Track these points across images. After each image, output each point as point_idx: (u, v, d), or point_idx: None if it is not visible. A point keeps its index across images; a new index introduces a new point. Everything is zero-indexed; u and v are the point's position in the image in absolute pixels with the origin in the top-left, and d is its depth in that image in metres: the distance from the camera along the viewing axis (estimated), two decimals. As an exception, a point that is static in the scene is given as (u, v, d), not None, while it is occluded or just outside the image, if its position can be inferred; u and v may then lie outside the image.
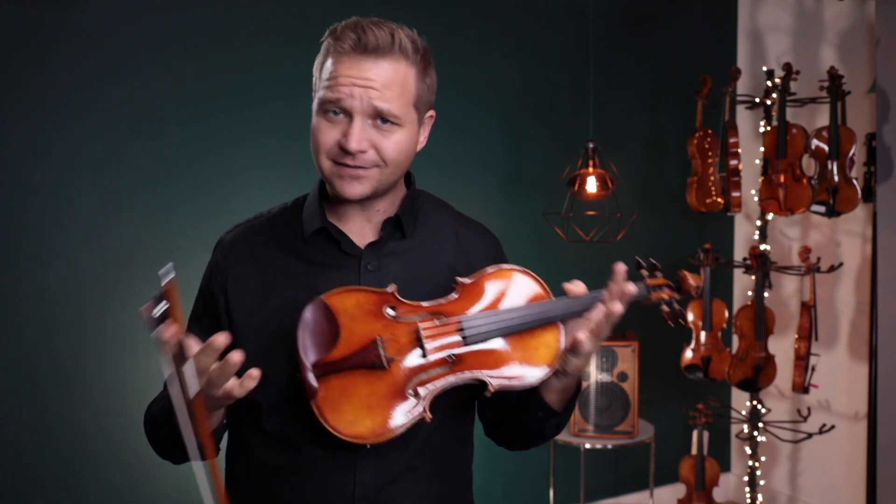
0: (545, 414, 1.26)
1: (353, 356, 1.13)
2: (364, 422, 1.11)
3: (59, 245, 2.59)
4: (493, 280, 1.21)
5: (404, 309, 1.18)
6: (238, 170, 2.82)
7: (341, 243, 1.26)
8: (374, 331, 1.15)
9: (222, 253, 1.30)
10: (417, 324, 1.16)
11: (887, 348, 2.91)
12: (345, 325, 1.15)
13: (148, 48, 2.68)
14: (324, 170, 1.21)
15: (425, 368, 1.15)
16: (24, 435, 2.57)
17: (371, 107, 1.16)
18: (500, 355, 1.17)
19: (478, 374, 1.16)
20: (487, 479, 3.25)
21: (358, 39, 1.16)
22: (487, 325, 1.17)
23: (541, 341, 1.19)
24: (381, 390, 1.13)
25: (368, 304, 1.17)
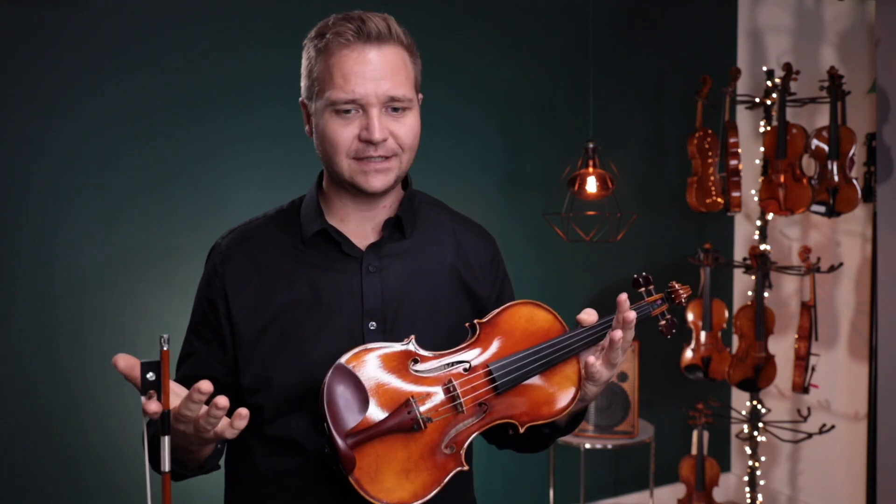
0: (552, 430, 1.29)
1: (388, 420, 1.09)
2: (405, 486, 1.09)
3: (59, 245, 2.59)
4: (510, 317, 1.21)
5: (427, 360, 1.15)
6: (238, 170, 2.82)
7: (342, 245, 1.25)
8: (402, 390, 1.12)
9: (220, 258, 1.28)
10: (452, 380, 1.14)
11: (887, 348, 2.91)
12: (370, 388, 1.11)
13: (148, 48, 2.68)
14: (343, 169, 1.20)
15: (460, 421, 1.14)
16: (23, 434, 2.57)
17: (386, 96, 1.17)
18: (528, 395, 1.18)
19: (507, 419, 1.16)
20: (487, 479, 3.25)
21: (358, 29, 1.16)
22: (516, 369, 1.17)
23: (563, 375, 1.20)
24: (419, 451, 1.10)
25: (390, 362, 1.13)
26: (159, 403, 0.95)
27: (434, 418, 1.11)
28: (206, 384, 0.96)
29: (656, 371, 3.49)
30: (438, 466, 1.11)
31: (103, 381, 2.66)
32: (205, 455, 1.16)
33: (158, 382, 0.95)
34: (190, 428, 1.00)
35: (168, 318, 2.68)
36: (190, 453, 1.12)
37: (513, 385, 1.16)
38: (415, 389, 1.12)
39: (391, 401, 1.11)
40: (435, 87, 3.16)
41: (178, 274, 2.70)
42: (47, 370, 2.59)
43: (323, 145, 1.21)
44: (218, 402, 0.97)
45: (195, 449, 1.09)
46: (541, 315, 1.22)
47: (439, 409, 1.12)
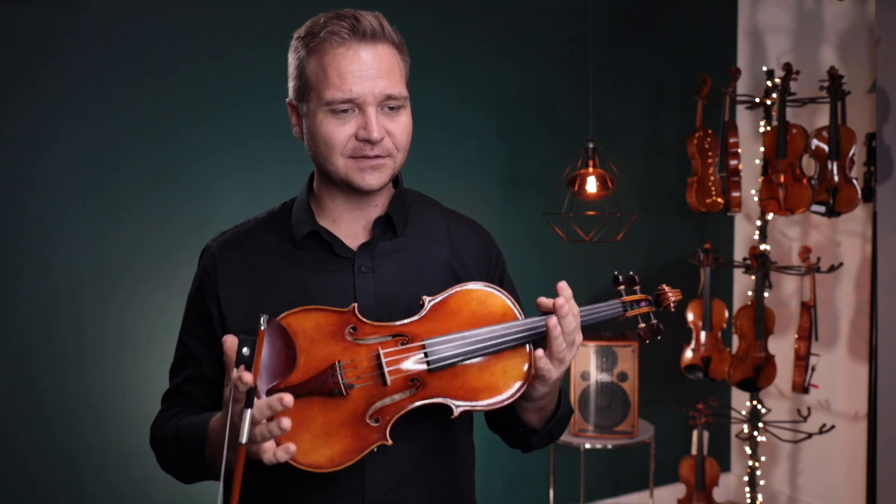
0: (525, 430, 1.27)
1: (310, 382, 1.08)
2: (321, 450, 1.07)
3: (59, 245, 2.59)
4: (461, 299, 1.17)
5: (366, 330, 1.13)
6: (238, 170, 2.82)
7: (333, 246, 1.24)
8: (333, 354, 1.10)
9: (210, 261, 1.27)
10: (378, 347, 1.12)
11: (887, 348, 2.91)
12: (303, 348, 1.10)
13: (147, 49, 2.68)
14: (338, 168, 1.19)
15: (386, 394, 1.11)
16: (24, 435, 2.57)
17: (383, 95, 1.17)
18: (465, 379, 1.14)
19: (441, 399, 1.12)
20: (487, 480, 3.25)
21: (352, 28, 1.16)
22: (452, 349, 1.13)
23: (507, 364, 1.15)
24: (340, 417, 1.08)
25: (329, 325, 1.12)
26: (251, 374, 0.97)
27: (357, 385, 1.10)
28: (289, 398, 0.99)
29: (656, 371, 3.49)
30: (360, 436, 1.08)
31: (103, 381, 2.66)
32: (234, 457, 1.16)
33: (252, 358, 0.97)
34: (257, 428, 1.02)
35: (168, 319, 2.68)
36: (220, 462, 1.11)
37: (446, 364, 1.13)
38: (345, 354, 1.11)
39: (319, 363, 1.10)
40: (435, 87, 3.18)
41: (178, 274, 2.70)
42: (47, 370, 2.59)
43: (317, 145, 1.20)
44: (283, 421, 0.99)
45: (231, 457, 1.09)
46: (495, 300, 1.18)
47: (363, 377, 1.10)
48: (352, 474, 1.20)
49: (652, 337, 1.26)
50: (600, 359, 3.10)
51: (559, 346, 1.14)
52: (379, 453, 1.20)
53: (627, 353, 3.09)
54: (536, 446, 1.32)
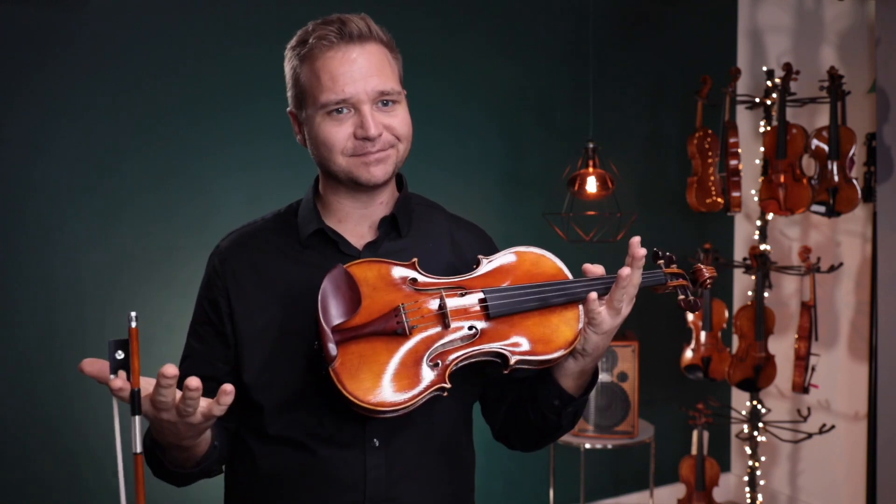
0: (562, 401, 1.25)
1: (375, 322, 1.11)
2: (384, 390, 1.09)
3: (59, 245, 2.59)
4: (515, 259, 1.22)
5: (427, 282, 1.18)
6: (238, 170, 2.82)
7: (339, 244, 1.26)
8: (396, 299, 1.14)
9: (219, 259, 1.29)
10: (442, 293, 1.15)
11: (887, 348, 2.91)
12: (367, 294, 1.14)
13: (148, 48, 2.68)
14: (340, 167, 1.21)
15: (447, 336, 1.13)
16: (24, 434, 2.57)
17: (375, 92, 1.19)
18: (521, 330, 1.16)
19: (498, 347, 1.14)
20: (487, 480, 3.25)
21: (340, 31, 1.19)
22: (510, 299, 1.16)
23: (561, 318, 1.18)
24: (401, 357, 1.11)
25: (391, 275, 1.16)
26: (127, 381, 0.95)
27: (419, 325, 1.13)
28: (169, 368, 0.96)
29: (656, 371, 3.49)
30: (419, 377, 1.10)
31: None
32: (201, 451, 1.16)
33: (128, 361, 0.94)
34: (173, 415, 1.01)
35: (168, 318, 2.68)
36: (185, 450, 1.12)
37: (504, 312, 1.16)
38: (408, 299, 1.15)
39: (383, 306, 1.13)
40: (435, 87, 3.18)
41: (179, 274, 2.71)
42: (47, 370, 2.59)
43: (318, 148, 1.22)
44: (189, 383, 0.97)
45: (189, 443, 1.09)
46: (546, 262, 1.23)
47: (425, 318, 1.13)
48: (353, 471, 1.21)
49: (691, 309, 1.29)
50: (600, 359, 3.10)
51: (621, 296, 1.16)
52: (381, 451, 1.21)
53: (627, 353, 3.09)
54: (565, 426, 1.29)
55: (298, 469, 1.23)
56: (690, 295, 1.30)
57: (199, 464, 1.18)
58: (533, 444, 1.37)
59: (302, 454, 1.22)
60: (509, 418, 1.36)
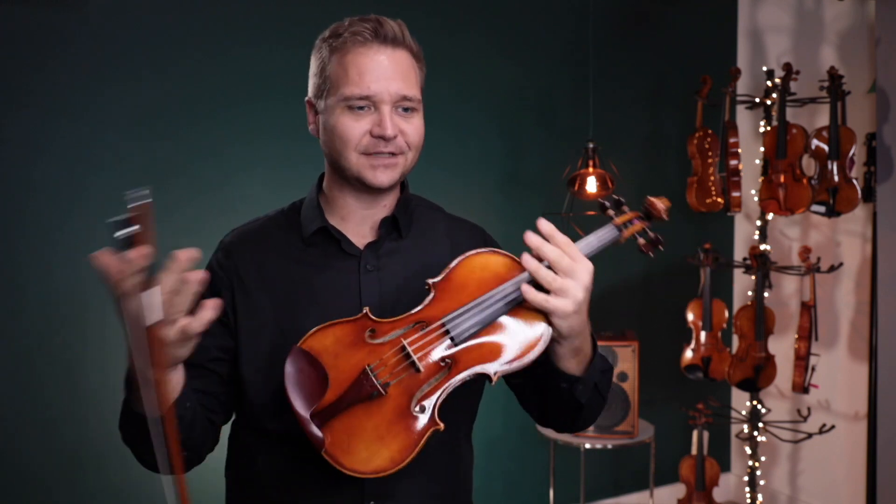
0: (569, 383, 1.23)
1: (347, 393, 1.10)
2: (381, 454, 1.09)
3: (60, 245, 2.59)
4: (463, 269, 1.18)
5: (384, 328, 1.14)
6: (238, 169, 2.82)
7: (341, 243, 1.27)
8: (360, 361, 1.12)
9: (224, 253, 1.31)
10: (402, 340, 1.13)
11: (887, 348, 2.91)
12: (330, 365, 1.11)
13: (148, 48, 2.68)
14: (351, 164, 1.22)
15: (424, 381, 1.12)
16: (24, 434, 2.57)
17: (398, 95, 1.21)
18: (493, 343, 1.14)
19: (476, 368, 1.13)
20: (487, 479, 3.25)
21: (375, 31, 1.21)
22: (471, 318, 1.14)
23: (525, 316, 1.15)
24: (387, 417, 1.10)
25: (347, 336, 1.14)
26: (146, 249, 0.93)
27: (391, 382, 1.11)
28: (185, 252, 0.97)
29: (656, 371, 3.49)
30: (411, 429, 1.10)
31: (105, 381, 2.66)
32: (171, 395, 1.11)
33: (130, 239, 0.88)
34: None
35: (168, 318, 2.68)
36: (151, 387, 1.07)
37: (470, 333, 1.13)
38: (371, 357, 1.12)
39: (350, 374, 1.11)
40: (435, 87, 3.16)
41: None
42: (48, 370, 2.59)
43: (332, 140, 1.23)
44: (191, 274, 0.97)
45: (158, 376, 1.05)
46: (494, 260, 1.19)
47: (395, 372, 1.11)
48: None
49: (654, 249, 1.25)
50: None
51: (546, 277, 1.12)
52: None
53: (627, 353, 3.08)
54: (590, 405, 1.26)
55: (298, 466, 1.23)
56: (650, 233, 1.26)
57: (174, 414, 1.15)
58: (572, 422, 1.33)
59: (301, 451, 1.23)
60: (542, 405, 1.34)
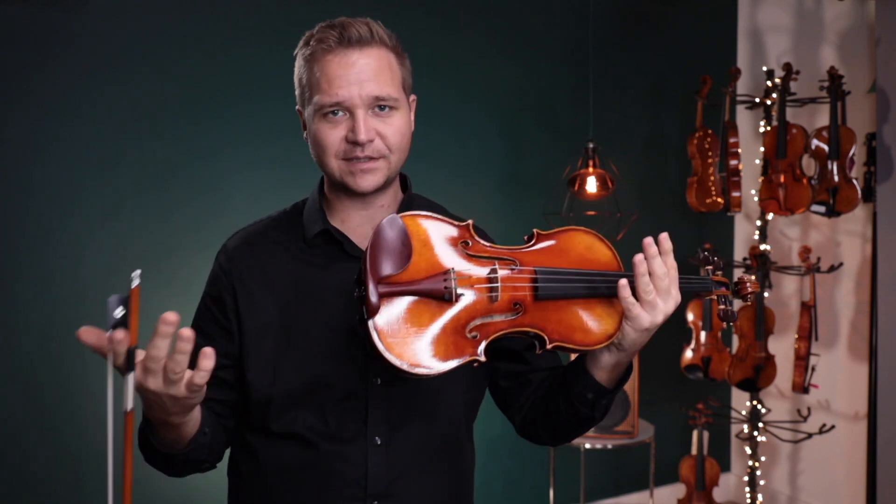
0: (595, 394, 1.23)
1: (423, 282, 1.08)
2: (425, 353, 1.06)
3: (59, 245, 2.59)
4: (570, 238, 1.20)
5: (480, 248, 1.15)
6: (238, 170, 2.82)
7: (343, 245, 1.27)
8: (447, 261, 1.12)
9: (226, 257, 1.31)
10: (496, 264, 1.13)
11: (887, 348, 2.91)
12: (417, 250, 1.10)
13: (148, 48, 2.68)
14: (333, 171, 1.23)
15: (491, 311, 1.11)
16: (24, 434, 2.57)
17: (370, 97, 1.20)
18: (565, 315, 1.14)
19: (539, 328, 1.12)
20: (487, 479, 3.25)
21: (340, 35, 1.20)
22: (560, 283, 1.14)
23: (605, 310, 1.16)
24: (443, 323, 1.08)
25: (444, 234, 1.13)
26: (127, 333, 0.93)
27: (466, 293, 1.10)
28: (172, 315, 0.94)
29: (656, 371, 3.49)
30: (457, 346, 1.08)
31: (103, 381, 2.64)
32: (188, 434, 1.13)
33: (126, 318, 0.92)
34: (159, 383, 0.98)
35: (168, 318, 2.68)
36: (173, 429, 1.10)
37: (553, 295, 1.13)
38: (459, 264, 1.12)
39: (432, 266, 1.10)
40: (435, 87, 3.18)
41: (179, 274, 2.70)
42: (47, 370, 2.59)
43: (314, 149, 1.25)
44: (182, 333, 0.95)
45: (176, 420, 1.07)
46: (601, 248, 1.21)
47: (475, 288, 1.11)
48: (355, 467, 1.22)
49: (727, 320, 1.27)
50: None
51: (645, 286, 1.13)
52: (382, 446, 1.22)
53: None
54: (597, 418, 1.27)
55: (301, 465, 1.23)
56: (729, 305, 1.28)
57: (188, 447, 1.16)
58: (563, 436, 1.34)
59: (304, 451, 1.23)
60: (537, 412, 1.33)
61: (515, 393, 1.36)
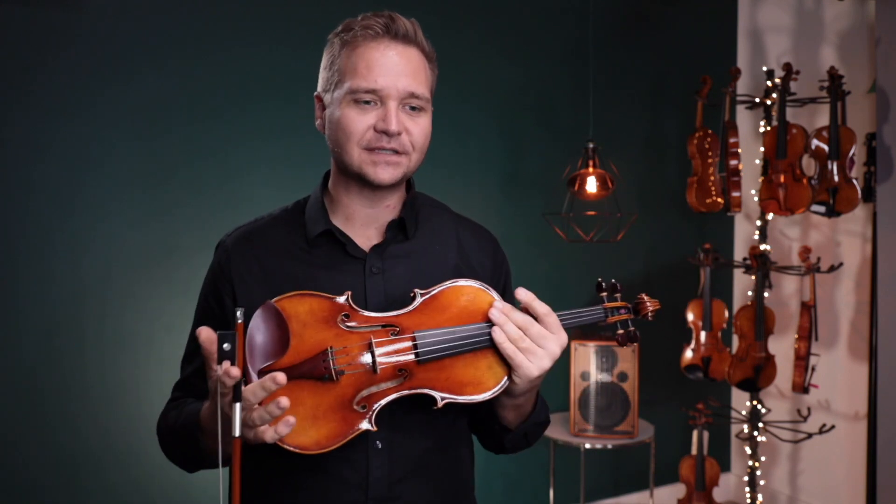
0: (500, 429, 1.28)
1: (302, 365, 1.10)
2: (308, 433, 1.09)
3: (59, 245, 2.59)
4: (452, 295, 1.19)
5: (359, 318, 1.15)
6: (237, 169, 2.82)
7: (346, 246, 1.26)
8: (325, 340, 1.12)
9: (224, 255, 1.29)
10: (371, 336, 1.13)
11: (887, 348, 2.91)
12: (296, 332, 1.11)
13: (148, 48, 2.68)
14: (353, 159, 1.21)
15: (375, 382, 1.13)
16: (24, 435, 2.57)
17: (406, 92, 1.20)
18: (451, 373, 1.16)
19: (427, 390, 1.14)
20: (487, 479, 3.25)
21: (387, 26, 1.20)
22: (441, 343, 1.15)
23: (492, 361, 1.17)
24: (328, 402, 1.10)
25: (322, 311, 1.13)
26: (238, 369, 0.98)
27: (347, 371, 1.11)
28: (282, 376, 1.01)
29: (656, 371, 3.49)
30: (346, 421, 1.10)
31: (103, 381, 2.66)
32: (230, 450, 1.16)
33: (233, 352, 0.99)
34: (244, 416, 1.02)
35: (168, 318, 2.68)
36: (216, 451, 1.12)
37: (435, 356, 1.14)
38: (336, 341, 1.12)
39: (311, 347, 1.11)
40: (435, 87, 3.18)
41: (178, 273, 2.70)
42: (47, 370, 2.59)
43: (335, 134, 1.23)
44: (280, 401, 1.00)
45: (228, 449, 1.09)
46: (484, 298, 1.19)
47: (354, 364, 1.12)
48: (357, 471, 1.22)
49: (628, 343, 1.28)
50: (600, 359, 3.10)
51: (514, 334, 1.14)
52: (384, 451, 1.22)
53: (627, 353, 3.08)
54: (510, 448, 1.33)
55: (301, 468, 1.23)
56: (631, 326, 1.29)
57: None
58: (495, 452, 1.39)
59: (304, 454, 1.22)
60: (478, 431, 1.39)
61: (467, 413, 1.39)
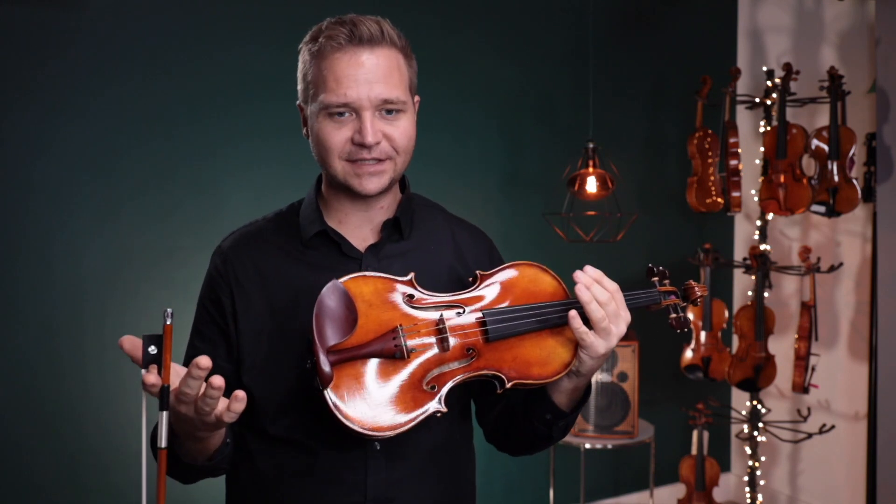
0: (553, 416, 1.25)
1: (372, 343, 1.09)
2: (385, 415, 1.07)
3: (59, 245, 2.59)
4: (514, 274, 1.20)
5: (424, 300, 1.15)
6: (238, 170, 2.82)
7: (341, 246, 1.26)
8: (393, 319, 1.12)
9: (221, 259, 1.29)
10: (442, 315, 1.13)
11: (887, 348, 2.91)
12: (363, 312, 1.10)
13: (148, 48, 2.68)
14: (337, 172, 1.21)
15: (444, 361, 1.12)
16: (23, 435, 2.57)
17: (379, 99, 1.17)
18: (519, 352, 1.15)
19: (495, 371, 1.13)
20: (487, 480, 3.25)
21: (351, 33, 1.17)
22: (508, 321, 1.15)
23: (558, 340, 1.17)
24: (399, 383, 1.09)
25: (386, 291, 1.14)
26: (158, 377, 0.95)
27: (417, 349, 1.11)
28: (204, 359, 0.97)
29: (656, 371, 3.49)
30: (417, 401, 1.09)
31: (103, 381, 2.66)
32: (213, 446, 1.16)
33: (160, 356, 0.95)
34: (191, 410, 1.01)
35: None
36: (198, 441, 1.12)
37: (503, 335, 1.14)
38: (406, 320, 1.12)
39: (380, 326, 1.11)
40: (435, 87, 3.17)
41: (178, 274, 2.70)
42: (47, 370, 2.59)
43: (317, 148, 1.22)
44: (213, 381, 0.97)
45: (203, 436, 1.10)
46: (545, 278, 1.22)
47: (425, 341, 1.11)
48: (355, 472, 1.21)
49: (680, 328, 1.28)
50: (600, 359, 3.09)
51: (597, 314, 1.14)
52: (382, 452, 1.21)
53: (627, 353, 3.08)
54: (556, 437, 1.30)
55: (300, 470, 1.23)
56: (681, 312, 1.29)
57: (212, 458, 1.17)
58: (522, 451, 1.38)
59: (303, 455, 1.22)
60: (500, 425, 1.36)
61: (489, 406, 1.38)
